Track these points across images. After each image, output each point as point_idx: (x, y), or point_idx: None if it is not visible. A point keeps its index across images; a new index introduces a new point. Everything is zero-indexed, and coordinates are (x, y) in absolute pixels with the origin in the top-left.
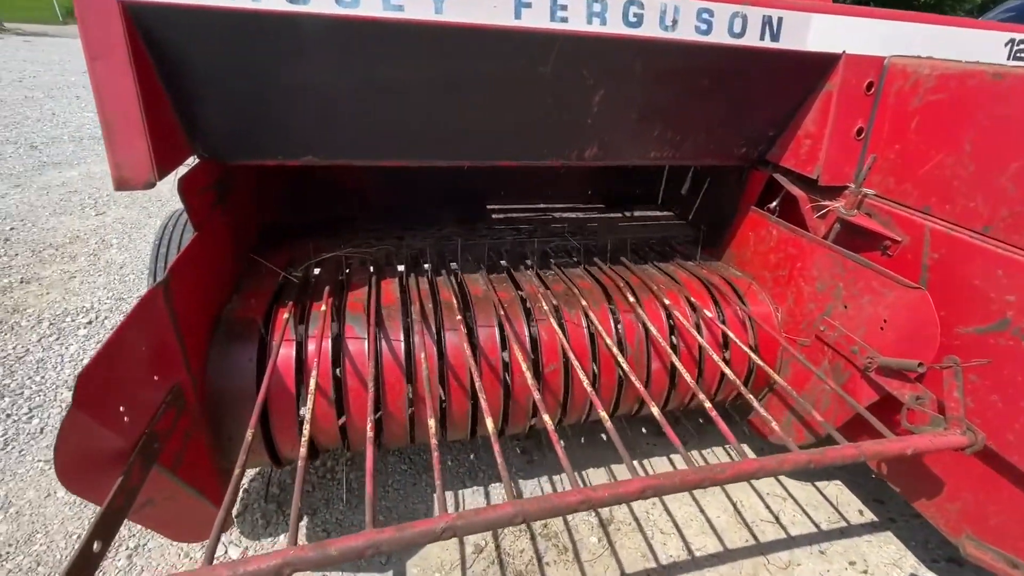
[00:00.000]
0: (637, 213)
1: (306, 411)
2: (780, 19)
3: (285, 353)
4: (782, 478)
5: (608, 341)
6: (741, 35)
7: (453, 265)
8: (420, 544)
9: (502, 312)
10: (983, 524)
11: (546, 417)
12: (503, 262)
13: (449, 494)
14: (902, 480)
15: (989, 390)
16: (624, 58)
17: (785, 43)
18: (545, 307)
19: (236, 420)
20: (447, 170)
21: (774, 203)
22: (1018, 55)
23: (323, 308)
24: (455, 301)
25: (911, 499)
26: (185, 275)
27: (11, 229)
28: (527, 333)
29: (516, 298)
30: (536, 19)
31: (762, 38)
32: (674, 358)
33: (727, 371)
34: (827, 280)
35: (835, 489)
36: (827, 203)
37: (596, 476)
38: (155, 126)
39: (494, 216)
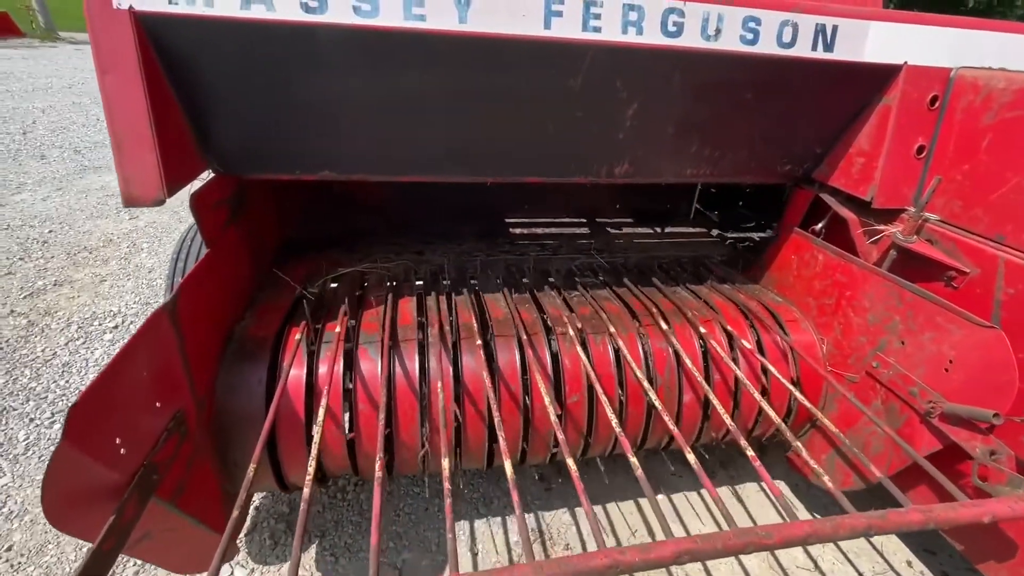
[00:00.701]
0: (668, 229)
1: (314, 440)
2: (835, 27)
3: (296, 375)
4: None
5: (637, 371)
6: (791, 45)
7: (473, 282)
8: None
9: (524, 336)
10: None
11: (570, 462)
12: (525, 280)
13: (462, 524)
14: (964, 537)
15: None
16: (662, 70)
17: (840, 54)
18: (570, 332)
19: (242, 445)
20: (467, 183)
21: (819, 225)
22: None
23: (337, 329)
24: (474, 323)
25: (974, 560)
26: (194, 294)
27: (50, 232)
28: (549, 359)
29: (539, 320)
30: (567, 29)
31: (814, 48)
32: (708, 391)
33: (766, 407)
34: (881, 312)
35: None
36: (882, 227)
37: (622, 510)
38: (167, 140)
39: (516, 231)
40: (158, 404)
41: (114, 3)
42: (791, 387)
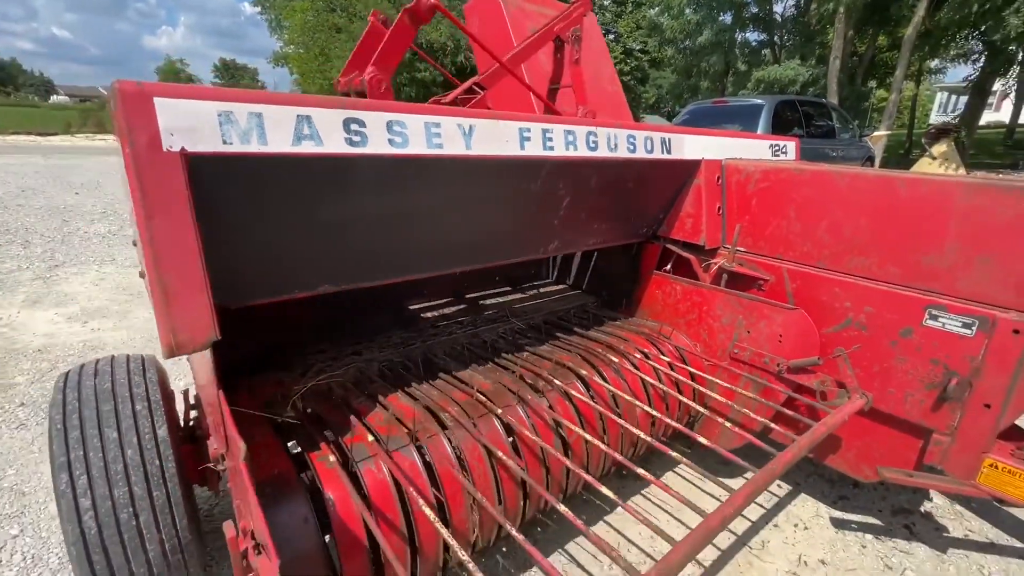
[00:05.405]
0: (543, 290)
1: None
2: (670, 139)
3: (349, 499)
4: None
5: (627, 396)
6: (652, 151)
7: (442, 361)
8: None
9: (546, 389)
10: (875, 457)
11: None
12: (487, 351)
13: None
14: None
15: (856, 365)
16: (585, 172)
17: (674, 154)
18: (575, 374)
19: None
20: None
21: (668, 266)
22: (775, 152)
23: (370, 437)
24: (489, 389)
25: (821, 457)
26: None
27: None
28: (570, 405)
29: (529, 381)
30: (534, 149)
31: (663, 152)
32: (675, 396)
33: (732, 404)
34: (729, 316)
35: None
36: (714, 260)
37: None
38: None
39: (425, 316)
40: None
41: (164, 146)
42: (712, 378)
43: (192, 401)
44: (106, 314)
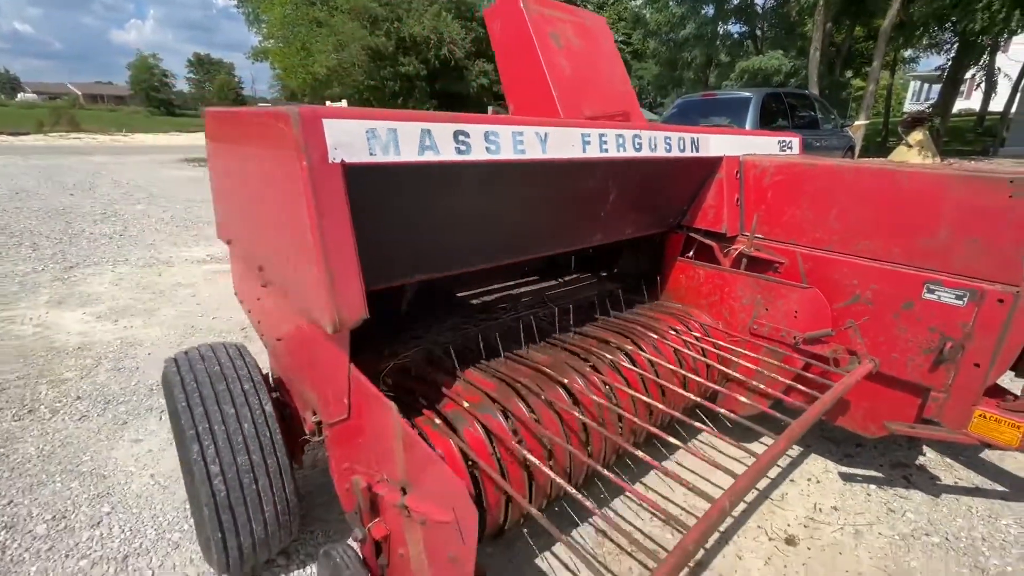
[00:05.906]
0: (568, 278)
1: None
2: (697, 139)
3: (453, 455)
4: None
5: (667, 365)
6: (684, 150)
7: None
8: None
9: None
10: (881, 415)
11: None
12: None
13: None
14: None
15: (864, 335)
16: (629, 170)
17: (701, 153)
18: (621, 349)
19: None
20: None
21: (690, 253)
22: (782, 148)
23: (465, 403)
24: (549, 363)
25: (832, 419)
26: None
27: None
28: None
29: (596, 348)
30: (594, 151)
31: (692, 150)
32: (710, 364)
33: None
34: (749, 296)
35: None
36: (734, 247)
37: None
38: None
39: (472, 302)
40: None
41: (330, 158)
42: (717, 353)
43: (272, 383)
44: (133, 312)
